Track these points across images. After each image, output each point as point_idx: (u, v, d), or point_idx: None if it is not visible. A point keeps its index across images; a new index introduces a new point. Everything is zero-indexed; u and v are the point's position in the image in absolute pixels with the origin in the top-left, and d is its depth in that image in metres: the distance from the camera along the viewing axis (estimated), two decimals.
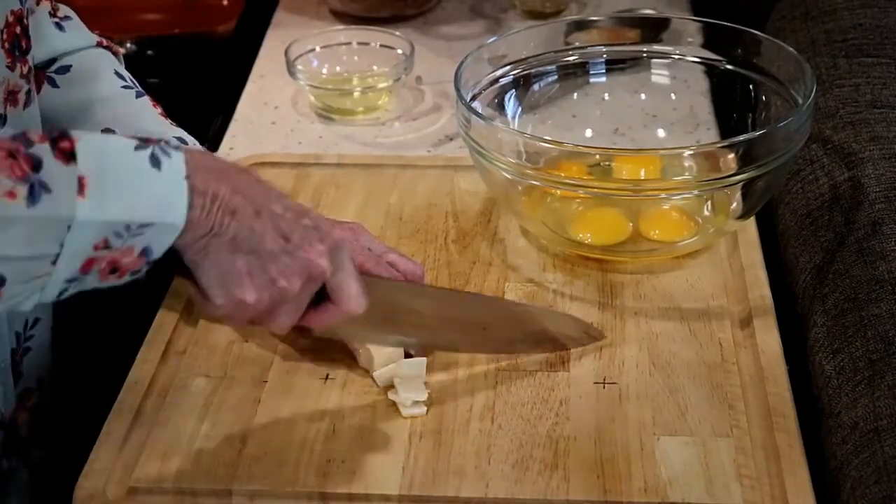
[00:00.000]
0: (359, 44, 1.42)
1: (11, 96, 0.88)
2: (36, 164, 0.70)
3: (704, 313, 1.03)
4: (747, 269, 1.07)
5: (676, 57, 1.23)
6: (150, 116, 1.01)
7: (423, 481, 0.87)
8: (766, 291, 1.04)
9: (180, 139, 1.00)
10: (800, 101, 1.07)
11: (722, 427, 0.91)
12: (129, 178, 0.73)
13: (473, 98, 1.13)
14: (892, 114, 1.14)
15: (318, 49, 1.40)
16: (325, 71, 1.39)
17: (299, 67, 1.35)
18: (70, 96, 1.00)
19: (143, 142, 0.74)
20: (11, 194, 0.68)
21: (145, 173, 0.73)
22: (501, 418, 0.92)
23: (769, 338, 0.99)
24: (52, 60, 1.01)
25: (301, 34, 1.40)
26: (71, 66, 1.01)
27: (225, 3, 1.59)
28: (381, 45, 1.40)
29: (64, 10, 1.03)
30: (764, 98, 1.15)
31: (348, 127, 1.34)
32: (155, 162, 0.74)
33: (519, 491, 0.86)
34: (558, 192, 1.13)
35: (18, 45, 0.89)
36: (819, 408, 0.94)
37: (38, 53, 0.98)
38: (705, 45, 1.20)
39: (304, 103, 1.38)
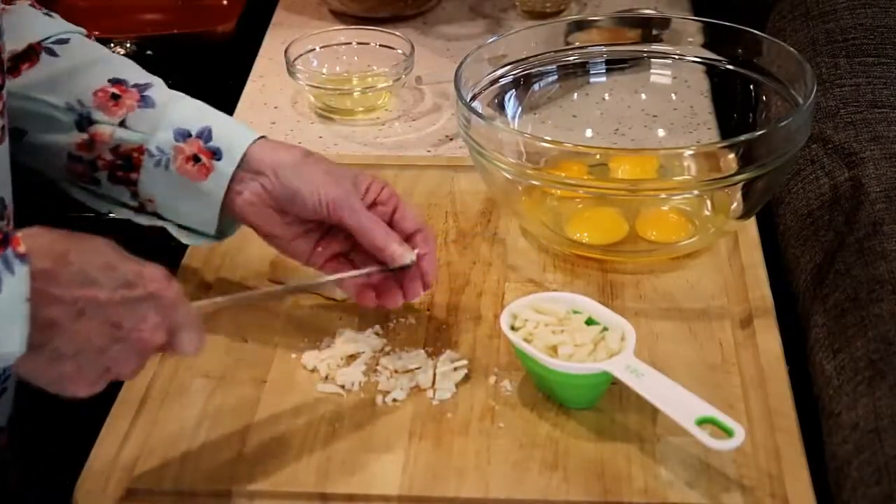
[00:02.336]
0: (359, 44, 1.42)
1: None
2: None
3: (704, 313, 1.03)
4: (747, 270, 1.07)
5: (676, 57, 1.23)
6: (159, 80, 1.00)
7: (423, 481, 0.87)
8: (767, 291, 1.04)
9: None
10: (800, 100, 1.07)
11: None
12: None
13: (473, 98, 1.13)
14: (892, 114, 1.14)
15: (317, 49, 1.40)
16: (324, 71, 1.39)
17: (299, 67, 1.35)
18: (74, 60, 0.98)
19: None
20: None
21: None
22: (501, 418, 0.92)
23: (769, 338, 0.99)
24: (47, 38, 0.99)
25: (301, 34, 1.40)
26: (69, 39, 0.99)
27: (225, 3, 1.59)
28: (381, 45, 1.40)
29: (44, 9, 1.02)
30: (764, 98, 1.15)
31: (348, 127, 1.34)
32: None
33: (519, 491, 0.86)
34: (558, 191, 1.13)
35: None
36: (819, 408, 0.94)
37: (31, 31, 0.98)
38: (706, 45, 1.20)
39: (303, 103, 1.38)
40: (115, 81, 0.97)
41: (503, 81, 1.19)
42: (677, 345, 0.99)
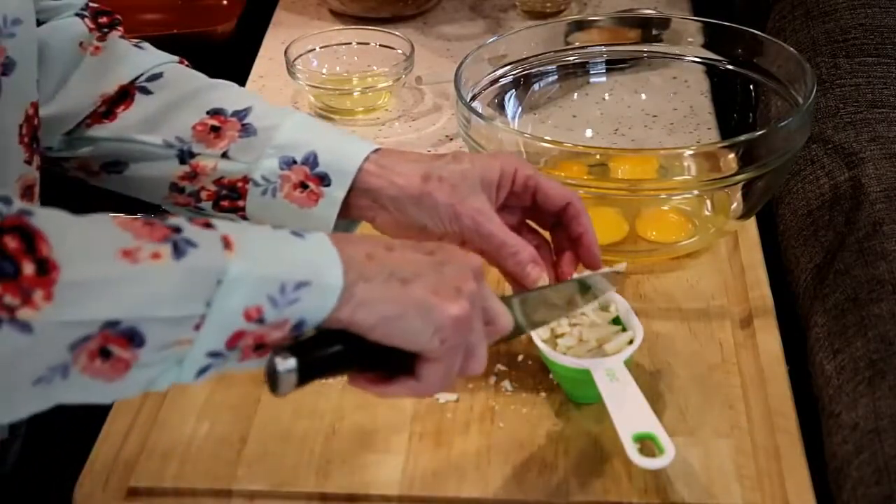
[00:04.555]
0: (359, 44, 1.42)
1: (28, 191, 0.86)
2: (175, 228, 0.66)
3: (704, 313, 1.03)
4: (747, 270, 1.07)
5: (676, 57, 1.23)
6: (258, 97, 0.96)
7: (423, 481, 0.87)
8: (767, 291, 1.04)
9: (293, 107, 0.97)
10: (800, 100, 1.07)
11: (722, 427, 0.91)
12: (275, 242, 0.70)
13: (473, 98, 1.13)
14: (892, 114, 1.14)
15: (317, 49, 1.40)
16: (324, 71, 1.39)
17: (299, 67, 1.35)
18: (169, 95, 0.95)
19: (280, 227, 0.72)
20: (156, 255, 0.64)
21: (290, 240, 0.71)
22: (501, 418, 0.92)
23: (769, 338, 0.99)
24: (139, 76, 0.96)
25: (301, 34, 1.40)
26: (162, 73, 0.96)
27: (225, 3, 1.59)
28: (381, 45, 1.40)
29: (134, 40, 1.01)
30: (764, 98, 1.15)
31: (348, 127, 1.34)
32: (297, 234, 0.71)
33: (519, 491, 0.86)
34: None
35: (36, 137, 0.86)
36: (819, 408, 0.94)
37: (123, 71, 0.96)
38: (705, 45, 1.20)
39: (303, 103, 1.38)
40: (214, 112, 0.94)
41: (503, 81, 1.19)
42: (677, 345, 0.99)
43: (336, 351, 0.71)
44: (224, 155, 0.93)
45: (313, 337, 0.71)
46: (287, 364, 0.69)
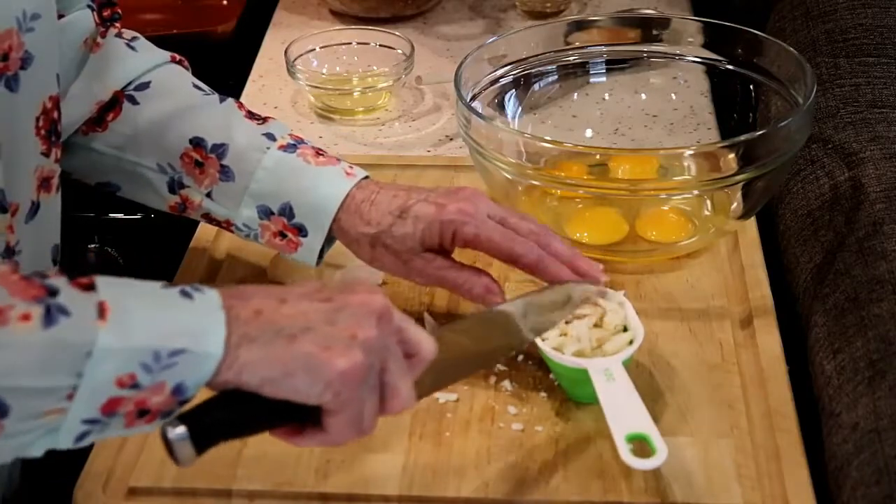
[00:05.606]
0: (359, 44, 1.42)
1: (45, 183, 0.87)
2: (51, 290, 0.65)
3: (704, 313, 1.03)
4: (748, 270, 1.07)
5: (676, 57, 1.23)
6: (237, 122, 0.98)
7: (423, 481, 0.87)
8: (767, 291, 1.04)
9: (269, 135, 0.97)
10: (800, 100, 1.07)
11: (722, 427, 0.91)
12: (157, 305, 0.67)
13: (473, 98, 1.13)
14: (892, 114, 1.14)
15: (317, 49, 1.40)
16: (324, 71, 1.39)
17: (299, 67, 1.35)
18: (152, 110, 0.98)
19: (172, 285, 0.70)
20: (25, 317, 0.63)
21: (177, 303, 0.68)
22: (501, 418, 0.92)
23: (769, 338, 0.99)
24: (130, 82, 0.99)
25: (301, 34, 1.40)
26: (150, 81, 0.99)
27: (225, 3, 1.59)
28: (381, 45, 1.40)
29: (129, 32, 1.02)
30: (764, 98, 1.15)
31: (348, 127, 1.34)
32: (185, 295, 0.69)
33: (519, 491, 0.86)
34: (558, 191, 1.13)
35: (55, 130, 0.87)
36: (819, 408, 0.94)
37: (115, 77, 0.98)
38: (705, 45, 1.20)
39: (303, 103, 1.38)
40: (196, 143, 0.97)
41: (503, 81, 1.19)
42: (677, 345, 0.99)
43: (230, 413, 0.70)
44: (209, 195, 0.97)
45: (210, 400, 0.70)
46: (176, 432, 0.68)
